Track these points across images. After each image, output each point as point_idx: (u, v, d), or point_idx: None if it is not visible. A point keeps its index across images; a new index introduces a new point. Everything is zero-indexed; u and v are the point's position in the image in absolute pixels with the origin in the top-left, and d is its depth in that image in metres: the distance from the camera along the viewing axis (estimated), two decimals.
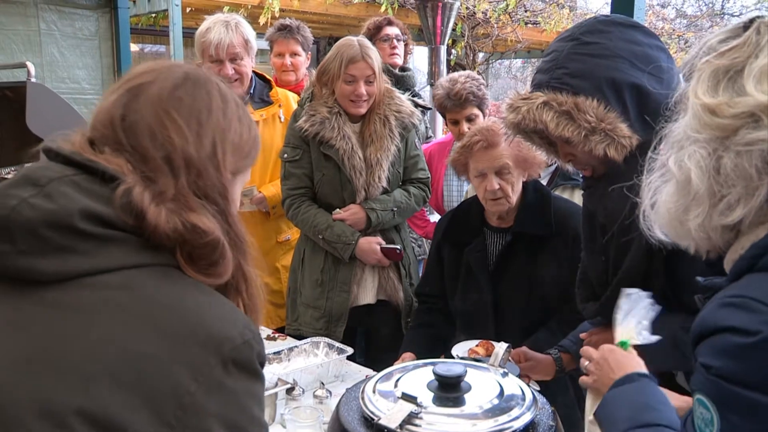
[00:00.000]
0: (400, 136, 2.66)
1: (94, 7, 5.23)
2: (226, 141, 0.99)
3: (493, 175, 2.13)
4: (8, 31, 4.80)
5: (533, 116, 1.52)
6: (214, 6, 6.53)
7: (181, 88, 0.98)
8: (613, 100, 1.48)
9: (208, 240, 0.91)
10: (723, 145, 0.89)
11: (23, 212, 0.83)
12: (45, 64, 4.94)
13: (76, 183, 0.87)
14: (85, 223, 0.84)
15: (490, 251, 2.25)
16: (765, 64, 0.88)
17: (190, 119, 0.96)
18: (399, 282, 2.70)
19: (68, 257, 0.84)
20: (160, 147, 0.93)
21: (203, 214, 0.92)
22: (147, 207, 0.87)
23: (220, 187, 0.97)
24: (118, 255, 0.86)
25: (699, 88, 0.94)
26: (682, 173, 0.93)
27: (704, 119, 0.91)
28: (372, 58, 2.54)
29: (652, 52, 1.54)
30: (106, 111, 0.96)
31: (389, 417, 1.21)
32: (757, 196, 0.87)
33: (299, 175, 2.64)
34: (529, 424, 1.23)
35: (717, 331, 0.85)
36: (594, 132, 1.48)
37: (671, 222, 0.97)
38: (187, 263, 0.91)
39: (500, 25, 8.30)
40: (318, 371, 2.08)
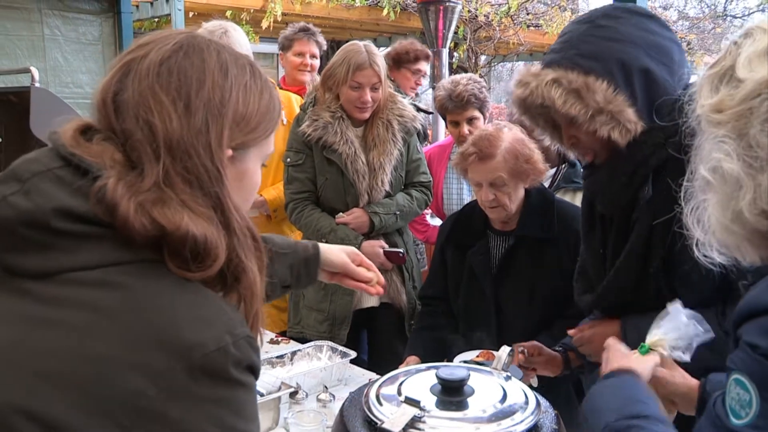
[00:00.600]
0: (403, 140, 2.67)
1: (97, 12, 5.24)
2: (224, 114, 0.91)
3: (488, 187, 2.13)
4: (12, 37, 4.82)
5: (541, 92, 1.52)
6: (217, 10, 6.54)
7: (170, 60, 0.90)
8: (622, 83, 1.49)
9: (178, 235, 0.84)
10: (744, 127, 0.90)
11: (1, 211, 0.82)
12: (49, 69, 4.95)
13: (59, 177, 0.84)
14: (61, 221, 0.82)
15: (493, 254, 2.25)
16: (749, 53, 0.92)
17: (179, 94, 0.89)
18: (402, 285, 2.70)
19: (49, 254, 0.82)
20: (142, 128, 0.86)
21: (173, 207, 0.84)
22: (119, 201, 0.82)
23: (213, 170, 0.89)
24: (98, 252, 0.83)
25: (701, 98, 0.97)
26: (716, 174, 0.93)
27: (714, 118, 0.93)
28: (379, 66, 2.55)
29: (665, 43, 1.54)
30: (102, 89, 0.91)
31: (392, 421, 1.21)
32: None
33: (302, 179, 2.65)
34: (532, 428, 1.23)
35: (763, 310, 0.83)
36: (601, 113, 1.48)
37: (725, 227, 0.94)
38: (169, 257, 0.85)
39: (502, 28, 8.29)
40: (321, 375, 2.08)
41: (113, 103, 0.88)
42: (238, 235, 0.91)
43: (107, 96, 0.89)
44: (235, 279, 0.91)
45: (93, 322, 0.80)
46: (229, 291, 0.91)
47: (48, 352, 0.78)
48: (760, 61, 0.91)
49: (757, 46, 0.92)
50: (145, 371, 0.78)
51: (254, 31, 6.74)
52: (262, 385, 1.89)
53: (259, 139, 0.98)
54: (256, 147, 0.98)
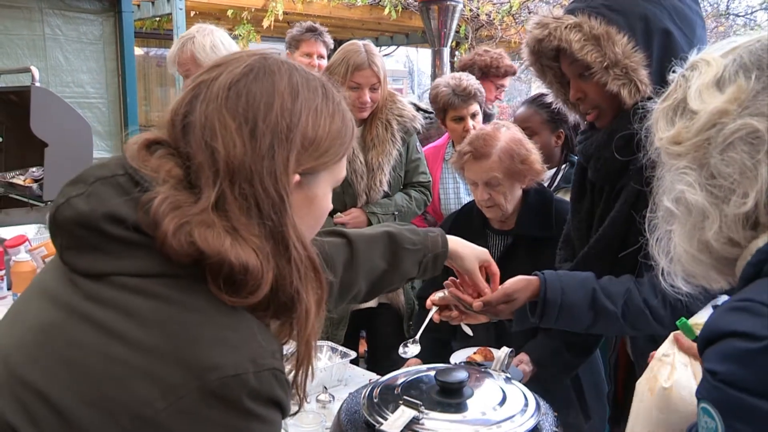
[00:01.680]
0: (402, 140, 2.66)
1: (98, 11, 5.23)
2: (291, 139, 0.89)
3: (483, 186, 2.13)
4: (13, 36, 4.83)
5: (560, 34, 1.51)
6: (218, 9, 6.54)
7: (239, 83, 0.89)
8: (642, 42, 1.48)
9: (215, 260, 0.82)
10: (704, 157, 0.91)
11: (64, 212, 0.88)
12: (49, 68, 4.95)
13: (119, 184, 0.88)
14: (110, 225, 0.85)
15: (492, 253, 2.23)
16: (698, 85, 0.94)
17: (245, 118, 0.87)
18: None
19: (98, 256, 0.86)
20: (204, 151, 0.86)
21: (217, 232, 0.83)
22: (161, 217, 0.82)
23: (275, 196, 0.86)
24: (143, 260, 0.85)
25: (658, 132, 0.98)
26: (680, 205, 0.94)
27: (674, 150, 0.95)
28: (378, 66, 2.54)
29: (690, 14, 1.54)
30: (173, 109, 0.92)
31: (390, 423, 1.20)
32: (761, 175, 0.86)
33: None
34: (532, 430, 1.22)
35: (723, 336, 0.82)
36: (616, 65, 1.47)
37: (692, 257, 0.94)
38: (210, 278, 0.84)
39: (504, 26, 8.28)
40: (321, 375, 2.06)
41: (181, 124, 0.90)
42: (297, 265, 0.88)
43: (177, 117, 0.91)
44: (288, 309, 0.89)
45: (123, 325, 0.82)
46: (280, 320, 0.90)
47: (76, 343, 0.83)
48: (710, 93, 0.92)
49: (704, 78, 0.94)
50: (157, 383, 0.79)
51: (255, 31, 6.74)
52: None
53: (330, 164, 0.96)
54: (327, 171, 0.97)
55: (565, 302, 1.57)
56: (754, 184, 0.86)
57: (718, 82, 0.93)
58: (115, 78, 5.34)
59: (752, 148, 0.86)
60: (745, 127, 0.87)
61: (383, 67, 2.58)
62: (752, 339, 0.78)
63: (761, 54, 0.91)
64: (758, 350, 0.77)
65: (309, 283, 0.90)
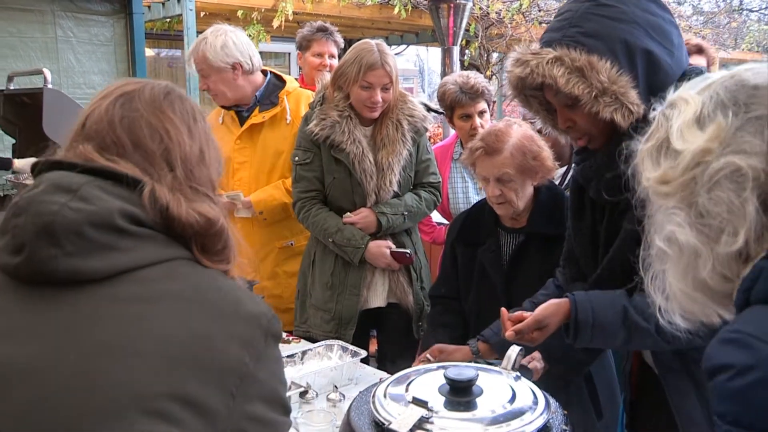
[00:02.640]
0: (412, 140, 2.65)
1: (109, 13, 5.27)
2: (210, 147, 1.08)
3: (495, 182, 2.13)
4: (26, 39, 4.87)
5: (542, 71, 1.49)
6: (228, 9, 6.56)
7: (170, 95, 1.07)
8: (625, 64, 1.46)
9: (217, 228, 1.00)
10: (691, 197, 0.92)
11: (67, 215, 0.88)
12: (61, 70, 4.98)
13: (102, 188, 0.93)
14: (123, 221, 0.91)
15: (504, 251, 2.25)
16: (679, 124, 0.95)
17: (183, 119, 1.05)
18: (409, 285, 2.69)
19: (111, 255, 0.90)
20: (158, 141, 1.01)
21: (206, 203, 1.01)
22: (168, 200, 0.95)
23: (209, 182, 1.06)
24: (153, 250, 0.94)
25: (645, 173, 0.99)
26: (672, 244, 0.95)
27: (662, 190, 0.96)
28: (390, 66, 2.53)
29: (665, 25, 1.52)
30: (104, 115, 1.01)
31: (400, 421, 1.21)
32: (749, 213, 0.87)
33: (310, 178, 2.64)
34: (542, 429, 1.22)
35: (717, 370, 0.82)
36: (605, 93, 1.45)
37: (688, 296, 0.95)
38: (201, 254, 0.99)
39: (514, 24, 8.24)
40: (332, 374, 2.08)
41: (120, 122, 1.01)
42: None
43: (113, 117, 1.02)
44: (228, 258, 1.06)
45: (178, 308, 0.92)
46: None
47: (160, 340, 0.88)
48: (692, 131, 0.93)
49: (684, 116, 0.95)
50: (239, 341, 0.92)
51: (265, 31, 6.75)
52: None
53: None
54: None
55: (597, 322, 1.57)
56: (743, 222, 0.87)
57: (698, 120, 0.94)
58: None
59: (737, 186, 0.87)
60: (728, 165, 0.88)
61: (395, 67, 2.57)
62: (741, 374, 0.78)
63: (735, 90, 0.93)
64: (748, 385, 0.78)
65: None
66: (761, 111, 0.90)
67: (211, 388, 0.88)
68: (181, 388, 0.85)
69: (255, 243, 2.87)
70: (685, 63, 1.55)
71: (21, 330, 0.88)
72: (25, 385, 0.83)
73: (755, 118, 0.90)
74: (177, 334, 0.89)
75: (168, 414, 0.83)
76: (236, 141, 2.90)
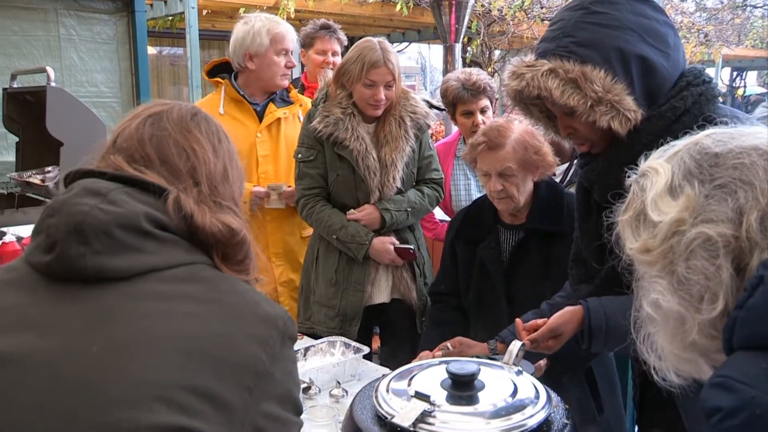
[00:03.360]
0: (415, 137, 2.65)
1: (111, 11, 5.26)
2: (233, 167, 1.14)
3: (497, 177, 2.13)
4: (29, 37, 4.86)
5: (537, 83, 1.49)
6: (230, 7, 6.56)
7: (197, 116, 1.14)
8: (620, 71, 1.46)
9: (240, 238, 1.06)
10: (671, 265, 0.96)
11: (97, 216, 0.94)
12: (64, 68, 4.98)
13: (129, 194, 0.99)
14: (149, 224, 0.97)
15: (504, 248, 2.25)
16: (652, 196, 0.99)
17: (208, 138, 1.12)
18: (413, 281, 2.70)
19: (136, 255, 0.95)
20: (185, 159, 1.07)
21: (230, 215, 1.07)
22: (192, 209, 1.02)
23: (232, 199, 1.12)
24: (176, 253, 0.99)
25: (627, 242, 1.03)
26: (658, 309, 0.98)
27: (644, 259, 1.00)
28: (393, 64, 2.53)
29: (660, 27, 1.51)
30: (134, 133, 1.08)
31: (402, 416, 1.21)
32: (724, 278, 0.91)
33: (314, 175, 2.65)
34: (543, 422, 1.23)
35: (710, 413, 0.86)
36: (600, 102, 1.45)
37: (678, 357, 0.99)
38: (222, 261, 1.05)
39: (516, 22, 8.23)
40: (334, 370, 2.08)
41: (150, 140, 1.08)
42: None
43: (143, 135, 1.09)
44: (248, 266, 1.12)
45: (199, 308, 0.96)
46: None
47: (180, 337, 0.92)
48: (665, 202, 0.97)
49: (656, 188, 0.99)
50: (256, 340, 0.96)
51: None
52: None
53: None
54: None
55: (610, 327, 1.58)
56: (720, 287, 0.91)
57: (670, 189, 0.98)
58: (128, 77, 5.37)
59: (711, 255, 0.92)
60: (700, 235, 0.92)
61: (398, 65, 2.57)
62: (730, 416, 0.82)
63: (699, 159, 0.97)
64: (738, 425, 0.81)
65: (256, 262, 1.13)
66: (724, 179, 0.94)
67: (228, 383, 0.91)
68: (198, 381, 0.89)
69: (282, 234, 2.94)
70: (682, 63, 1.55)
71: (48, 323, 0.92)
72: (46, 374, 0.87)
73: (719, 186, 0.94)
74: (195, 331, 0.93)
75: (185, 405, 0.87)
76: (258, 134, 2.91)
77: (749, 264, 0.91)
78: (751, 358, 0.85)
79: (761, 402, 0.80)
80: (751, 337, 0.87)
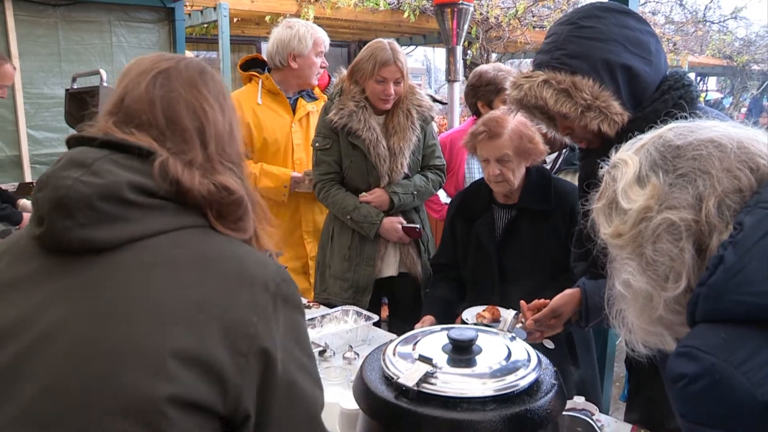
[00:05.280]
0: (421, 128, 2.62)
1: (155, 20, 5.31)
2: (236, 122, 1.03)
3: (495, 162, 2.11)
4: (88, 45, 4.99)
5: (534, 93, 1.48)
6: (257, 15, 6.49)
7: (203, 74, 1.01)
8: (607, 79, 1.43)
9: (234, 198, 0.94)
10: (639, 248, 0.95)
11: (79, 189, 0.84)
12: (115, 71, 5.03)
13: (115, 161, 0.88)
14: (132, 193, 0.86)
15: (498, 225, 2.23)
16: (622, 185, 0.98)
17: (216, 97, 1.00)
18: (418, 257, 2.66)
19: (121, 225, 0.85)
20: (195, 118, 0.96)
21: (229, 176, 0.95)
22: (180, 174, 0.89)
23: (238, 157, 1.00)
24: (162, 220, 0.88)
25: (601, 228, 1.02)
26: (628, 288, 0.96)
27: (616, 243, 0.98)
28: (402, 62, 2.49)
29: (642, 37, 1.48)
30: (143, 94, 0.96)
31: (407, 376, 1.18)
32: (687, 259, 0.90)
33: (329, 162, 2.61)
34: (534, 383, 1.19)
35: (675, 379, 0.85)
36: (590, 109, 1.43)
37: (646, 331, 0.98)
38: (217, 221, 0.93)
39: (511, 28, 8.13)
40: (347, 336, 2.06)
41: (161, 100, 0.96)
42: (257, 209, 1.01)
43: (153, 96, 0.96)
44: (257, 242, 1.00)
45: (184, 273, 0.85)
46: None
47: (165, 303, 0.82)
48: (634, 190, 0.96)
49: (626, 178, 0.98)
50: (244, 303, 0.85)
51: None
52: None
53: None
54: None
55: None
56: (683, 267, 0.90)
57: (638, 179, 0.96)
58: None
59: (674, 238, 0.91)
60: (665, 221, 0.91)
61: (406, 63, 2.54)
62: (694, 381, 0.82)
63: (663, 150, 0.96)
64: (700, 390, 0.81)
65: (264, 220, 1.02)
66: (684, 169, 0.93)
67: (215, 346, 0.81)
68: (182, 345, 0.79)
69: (311, 214, 2.93)
70: (664, 67, 1.52)
71: (39, 295, 0.85)
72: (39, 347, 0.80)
73: (681, 175, 0.93)
74: (179, 296, 0.83)
75: (170, 371, 0.78)
76: (292, 125, 2.89)
77: (709, 245, 0.90)
78: (711, 329, 0.84)
79: (720, 368, 0.80)
80: (712, 310, 0.85)
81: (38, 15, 4.74)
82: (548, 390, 1.19)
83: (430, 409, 1.10)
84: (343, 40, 8.87)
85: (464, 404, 1.11)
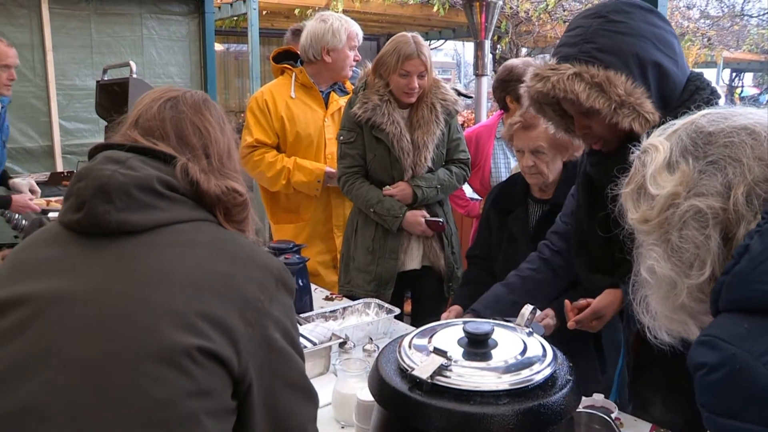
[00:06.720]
0: (445, 122, 2.61)
1: (185, 13, 5.36)
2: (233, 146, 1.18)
3: (529, 154, 2.09)
4: (119, 38, 5.07)
5: (563, 86, 1.42)
6: (286, 8, 6.54)
7: (207, 102, 1.18)
8: (638, 76, 1.39)
9: (242, 200, 1.09)
10: (666, 234, 0.94)
11: (118, 178, 0.98)
12: (145, 63, 5.11)
13: (143, 161, 1.03)
14: (161, 186, 1.00)
15: (531, 219, 2.22)
16: (651, 171, 0.97)
17: (217, 121, 1.16)
18: (441, 250, 2.66)
19: (152, 211, 0.99)
20: (200, 136, 1.12)
21: (237, 181, 1.11)
22: (198, 176, 1.05)
23: (236, 171, 1.15)
24: (184, 212, 1.03)
25: (629, 213, 1.01)
26: (653, 274, 0.96)
27: (643, 228, 0.98)
28: (425, 56, 2.49)
29: (668, 36, 1.45)
30: (156, 114, 1.12)
31: (422, 368, 1.18)
32: (712, 247, 0.90)
33: (354, 155, 2.62)
34: (548, 378, 1.18)
35: (695, 368, 0.85)
36: (623, 105, 1.39)
37: (669, 318, 0.98)
38: (224, 219, 1.08)
39: (541, 23, 8.05)
40: (368, 328, 2.07)
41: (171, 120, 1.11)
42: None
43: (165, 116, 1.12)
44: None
45: (206, 253, 1.00)
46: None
47: (191, 274, 0.96)
48: (663, 176, 0.95)
49: (656, 163, 0.97)
50: (255, 282, 1.00)
51: None
52: (316, 335, 1.89)
53: None
54: None
55: None
56: (708, 255, 0.90)
57: (668, 165, 0.96)
58: (198, 70, 5.45)
59: (701, 225, 0.90)
60: (692, 208, 0.91)
61: (430, 57, 2.53)
62: (714, 370, 0.82)
63: (695, 137, 0.95)
64: (719, 380, 0.81)
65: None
66: (715, 156, 0.92)
67: (232, 313, 0.95)
68: (209, 309, 0.93)
69: (342, 209, 2.96)
70: (687, 70, 1.49)
71: (80, 269, 0.97)
72: (84, 309, 0.92)
73: (711, 162, 0.92)
74: (203, 270, 0.97)
75: (200, 329, 0.91)
76: (325, 119, 2.91)
77: (736, 234, 0.89)
78: (734, 319, 0.84)
79: (740, 358, 0.79)
80: (735, 300, 0.85)
81: (72, 8, 4.84)
82: (563, 385, 1.18)
83: (443, 402, 1.11)
84: (372, 33, 8.88)
85: (477, 397, 1.11)
